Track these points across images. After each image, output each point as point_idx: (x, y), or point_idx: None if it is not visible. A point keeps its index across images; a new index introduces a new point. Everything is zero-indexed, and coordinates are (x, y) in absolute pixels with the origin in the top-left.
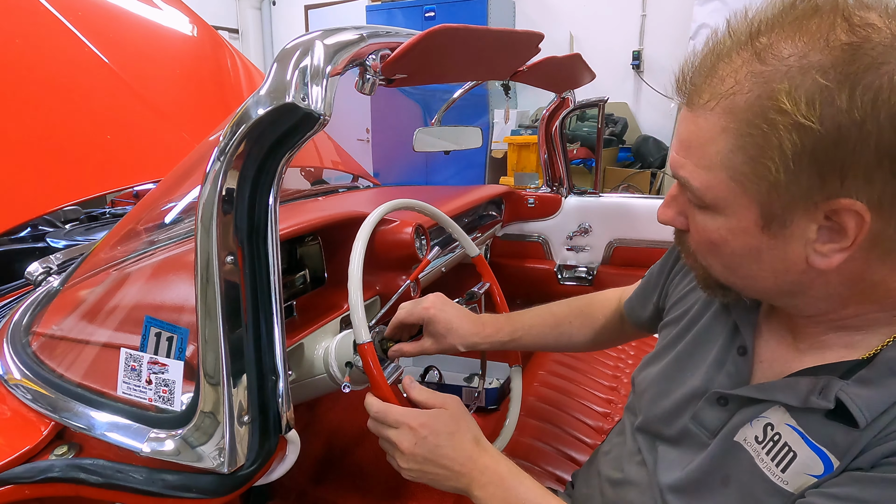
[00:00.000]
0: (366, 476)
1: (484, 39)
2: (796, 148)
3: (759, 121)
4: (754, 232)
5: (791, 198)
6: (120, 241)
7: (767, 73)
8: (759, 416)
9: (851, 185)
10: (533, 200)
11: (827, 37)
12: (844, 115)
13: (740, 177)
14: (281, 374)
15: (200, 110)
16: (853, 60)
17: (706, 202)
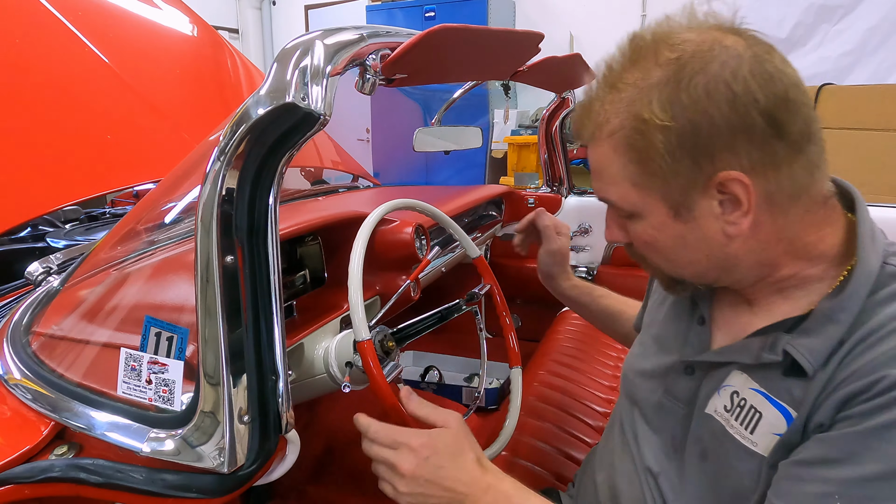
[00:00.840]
0: (366, 476)
1: (484, 39)
2: (667, 145)
3: (632, 134)
4: (671, 223)
5: (682, 185)
6: (120, 241)
7: (626, 98)
8: (723, 384)
9: (722, 159)
10: (533, 200)
11: (657, 59)
12: (690, 109)
13: (639, 181)
14: (281, 374)
15: (200, 110)
16: (681, 69)
17: (627, 211)
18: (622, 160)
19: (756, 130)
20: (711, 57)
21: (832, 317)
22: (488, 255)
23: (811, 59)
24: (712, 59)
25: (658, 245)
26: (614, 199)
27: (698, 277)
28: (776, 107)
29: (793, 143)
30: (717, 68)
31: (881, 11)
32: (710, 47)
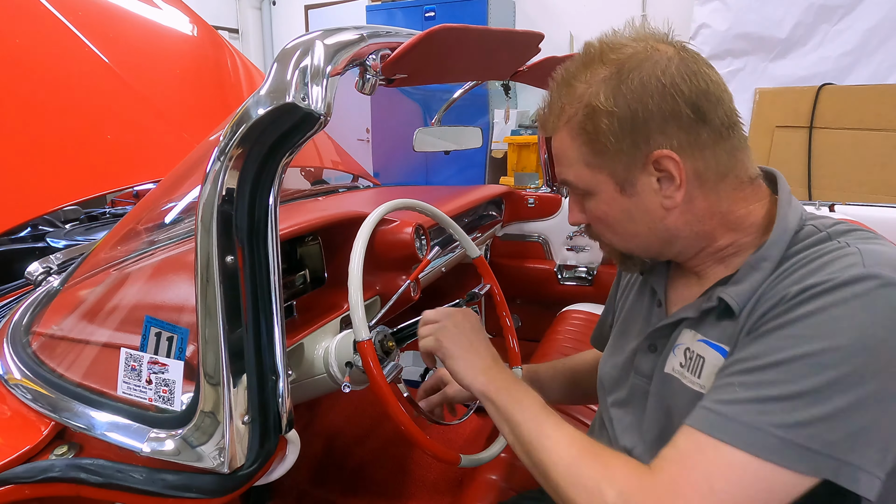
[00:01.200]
0: (366, 476)
1: (484, 39)
2: (611, 127)
3: (584, 119)
4: (618, 198)
5: (626, 162)
6: (120, 241)
7: (578, 92)
8: (676, 343)
9: (656, 140)
10: (533, 200)
11: (602, 60)
12: (629, 98)
13: (591, 160)
14: (281, 374)
15: (200, 110)
16: (622, 67)
17: (582, 189)
18: (576, 143)
19: (682, 117)
20: (646, 58)
21: (755, 265)
22: (488, 254)
23: (811, 59)
24: (647, 60)
25: (609, 219)
26: (571, 179)
27: (644, 250)
28: (699, 98)
29: (715, 129)
30: (651, 66)
31: (881, 11)
32: (645, 51)
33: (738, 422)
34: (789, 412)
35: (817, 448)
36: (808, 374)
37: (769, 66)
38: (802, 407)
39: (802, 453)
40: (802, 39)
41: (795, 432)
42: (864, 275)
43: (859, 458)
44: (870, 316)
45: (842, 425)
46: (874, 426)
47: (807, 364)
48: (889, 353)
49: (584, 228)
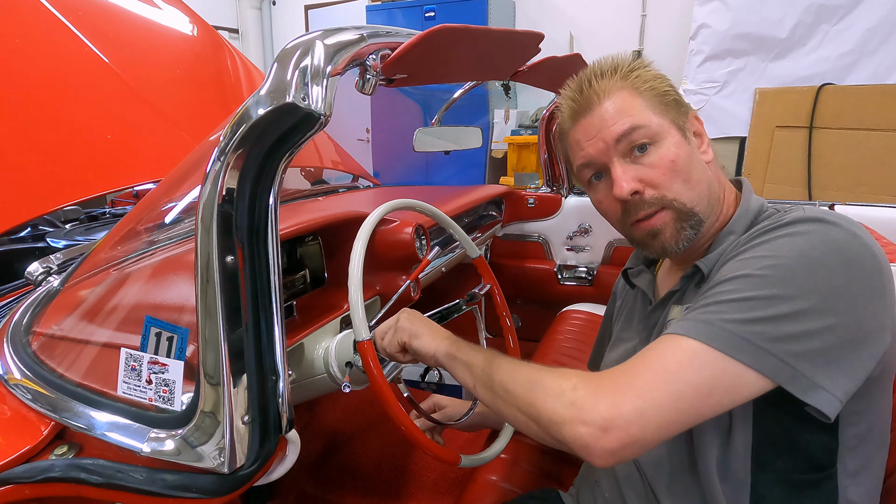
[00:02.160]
0: (366, 476)
1: (484, 39)
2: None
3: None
4: (682, 142)
5: (681, 115)
6: (120, 241)
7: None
8: (668, 319)
9: (686, 105)
10: (533, 200)
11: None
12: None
13: (657, 109)
14: (281, 374)
15: (200, 110)
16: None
17: (651, 133)
18: (642, 97)
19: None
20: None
21: (722, 239)
22: (488, 254)
23: (811, 59)
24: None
25: (680, 163)
26: (642, 121)
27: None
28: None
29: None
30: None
31: (881, 11)
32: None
33: (694, 321)
34: (737, 312)
35: (762, 344)
36: (757, 285)
37: (769, 66)
38: (749, 309)
39: (746, 346)
40: (802, 39)
41: (741, 327)
42: (808, 217)
43: (811, 369)
44: (810, 243)
45: (786, 328)
46: (819, 339)
47: (755, 277)
48: (827, 273)
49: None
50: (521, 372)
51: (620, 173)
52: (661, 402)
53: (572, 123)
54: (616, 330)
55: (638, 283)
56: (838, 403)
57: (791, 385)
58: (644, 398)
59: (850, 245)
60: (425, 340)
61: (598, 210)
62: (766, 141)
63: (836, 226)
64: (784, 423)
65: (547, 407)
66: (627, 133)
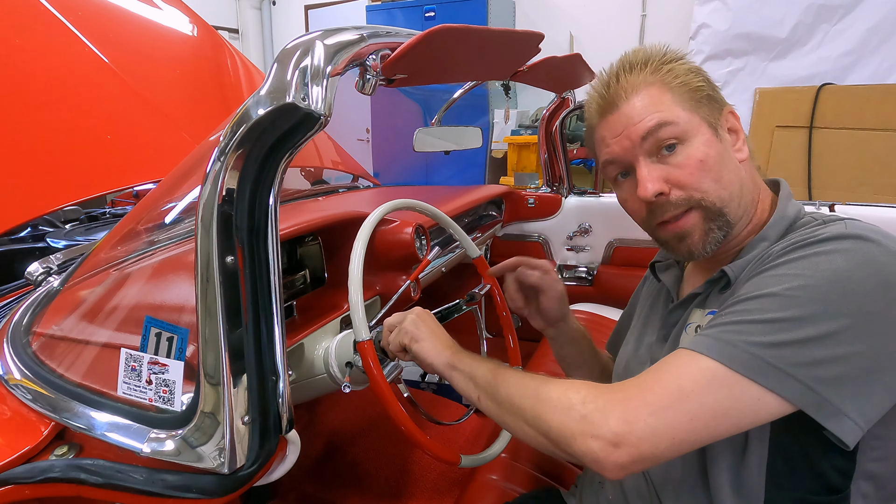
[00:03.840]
0: (366, 476)
1: (484, 39)
2: (701, 81)
3: (681, 73)
4: (714, 141)
5: (714, 112)
6: (120, 241)
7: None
8: (688, 322)
9: (722, 101)
10: (533, 200)
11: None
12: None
13: (688, 106)
14: (281, 374)
15: (200, 110)
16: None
17: (680, 130)
18: (672, 93)
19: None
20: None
21: (755, 245)
22: (488, 254)
23: (811, 59)
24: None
25: (710, 162)
26: (671, 118)
27: (734, 203)
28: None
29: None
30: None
31: (881, 11)
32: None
33: (715, 339)
34: (763, 334)
35: (786, 368)
36: (785, 306)
37: (769, 66)
38: (775, 331)
39: (769, 370)
40: (802, 39)
41: (765, 350)
42: (846, 234)
43: (837, 396)
44: (847, 263)
45: (812, 352)
46: (847, 365)
47: (784, 297)
48: (862, 297)
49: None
50: (527, 385)
51: (646, 173)
52: (675, 421)
53: (599, 119)
54: (636, 322)
55: (664, 278)
56: (860, 432)
57: (814, 411)
58: (657, 416)
59: (892, 267)
60: (425, 346)
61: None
62: (766, 141)
63: (878, 244)
64: (802, 444)
65: (556, 420)
66: (654, 130)
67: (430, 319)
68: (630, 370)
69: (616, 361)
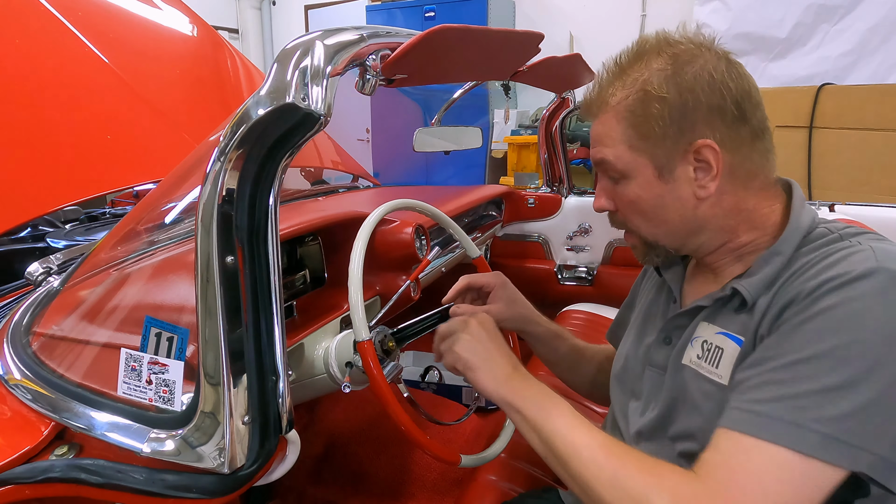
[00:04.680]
0: (366, 476)
1: (484, 39)
2: (661, 113)
3: (635, 104)
4: (655, 183)
5: (669, 148)
6: (120, 242)
7: (631, 80)
8: (694, 336)
9: (701, 130)
10: (533, 200)
11: (658, 52)
12: (682, 87)
13: (634, 143)
14: (281, 374)
15: (200, 110)
16: (676, 59)
17: (619, 170)
18: (623, 125)
19: (727, 112)
20: (699, 55)
21: (768, 260)
22: (488, 254)
23: (811, 59)
24: (699, 56)
25: (641, 204)
26: (611, 158)
27: (670, 239)
28: (742, 97)
29: (754, 129)
30: (703, 62)
31: (881, 11)
32: (698, 49)
33: (778, 419)
34: (825, 406)
35: (855, 442)
36: (837, 368)
37: (769, 66)
38: (836, 400)
39: (842, 448)
40: (802, 39)
41: (834, 426)
42: (878, 269)
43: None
44: (886, 309)
45: (873, 416)
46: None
47: (834, 358)
48: None
49: (609, 215)
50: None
51: (598, 189)
52: None
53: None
54: (636, 316)
55: (666, 275)
56: None
57: (886, 479)
58: None
59: None
60: (480, 377)
61: None
62: None
63: None
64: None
65: None
66: (599, 163)
67: (487, 339)
68: (628, 369)
69: (616, 354)
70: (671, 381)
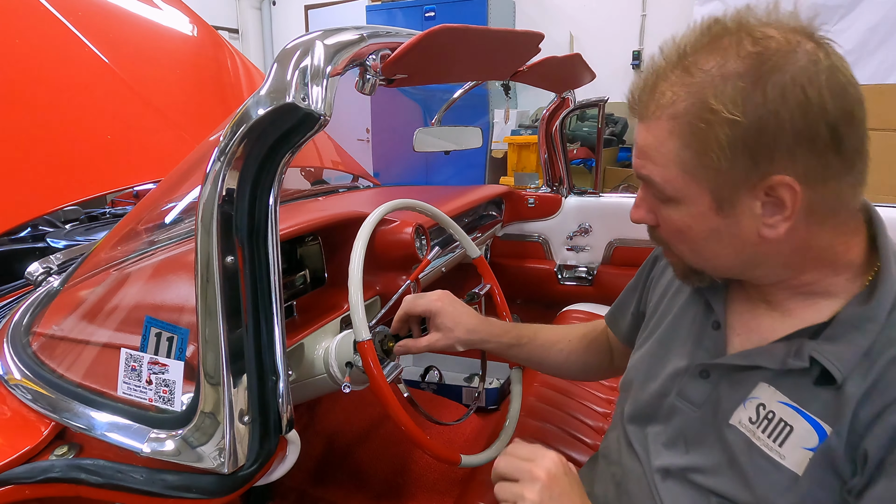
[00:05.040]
0: (366, 476)
1: (484, 39)
2: (730, 139)
3: (696, 121)
4: (710, 215)
5: (734, 181)
6: (120, 242)
7: (696, 84)
8: (749, 396)
9: (779, 163)
10: (533, 200)
11: (737, 49)
12: (762, 107)
13: (691, 169)
14: (281, 374)
15: (200, 110)
16: (761, 65)
17: (668, 195)
18: (678, 144)
19: (819, 140)
20: (791, 57)
21: (858, 325)
22: (488, 254)
23: None
24: (791, 60)
25: (690, 234)
26: (658, 180)
27: (719, 271)
28: (841, 120)
29: (847, 159)
30: (797, 71)
31: (881, 11)
32: (792, 48)
33: None
34: None
35: None
36: None
37: None
38: None
39: None
40: None
41: None
42: None
43: None
44: None
45: None
46: None
47: None
48: None
49: (649, 229)
50: None
51: (638, 198)
52: None
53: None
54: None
55: (708, 295)
56: None
57: None
58: None
59: None
60: None
61: None
62: None
63: None
64: None
65: None
66: (643, 179)
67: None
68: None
69: (631, 369)
70: (714, 436)
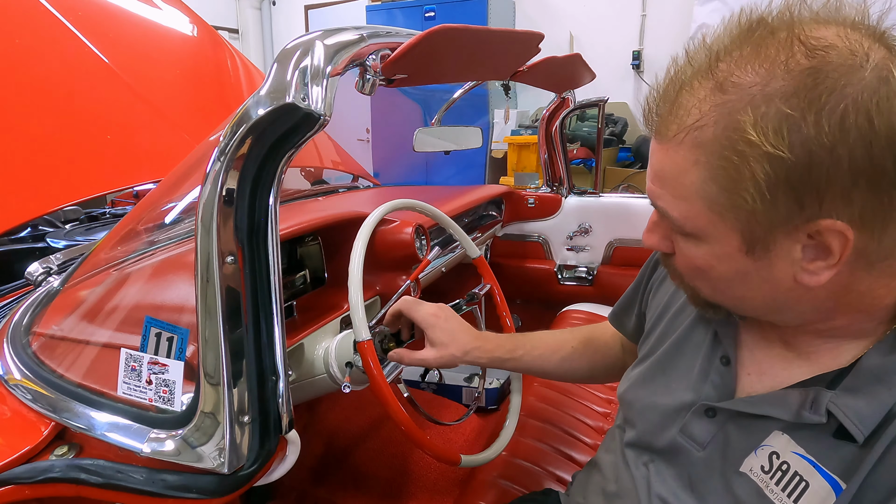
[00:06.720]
0: (366, 476)
1: (484, 39)
2: (769, 178)
3: (728, 153)
4: (738, 257)
5: (771, 223)
6: (120, 242)
7: (731, 104)
8: (762, 444)
9: (830, 206)
10: (533, 200)
11: (786, 62)
12: (813, 141)
13: (717, 207)
14: (281, 374)
15: (200, 110)
16: (815, 85)
17: (687, 231)
18: (703, 177)
19: (884, 179)
20: (857, 76)
21: (882, 378)
22: (488, 254)
23: None
24: (857, 80)
25: (711, 274)
26: (676, 215)
27: (740, 311)
28: None
29: None
30: (860, 93)
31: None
32: (857, 63)
33: None
34: None
35: None
36: None
37: None
38: None
39: None
40: None
41: None
42: None
43: None
44: None
45: None
46: None
47: None
48: None
49: (662, 256)
50: None
51: (653, 224)
52: None
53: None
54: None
55: (718, 327)
56: None
57: None
58: None
59: None
60: None
61: None
62: None
63: None
64: None
65: None
66: (658, 209)
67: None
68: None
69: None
70: (722, 484)
